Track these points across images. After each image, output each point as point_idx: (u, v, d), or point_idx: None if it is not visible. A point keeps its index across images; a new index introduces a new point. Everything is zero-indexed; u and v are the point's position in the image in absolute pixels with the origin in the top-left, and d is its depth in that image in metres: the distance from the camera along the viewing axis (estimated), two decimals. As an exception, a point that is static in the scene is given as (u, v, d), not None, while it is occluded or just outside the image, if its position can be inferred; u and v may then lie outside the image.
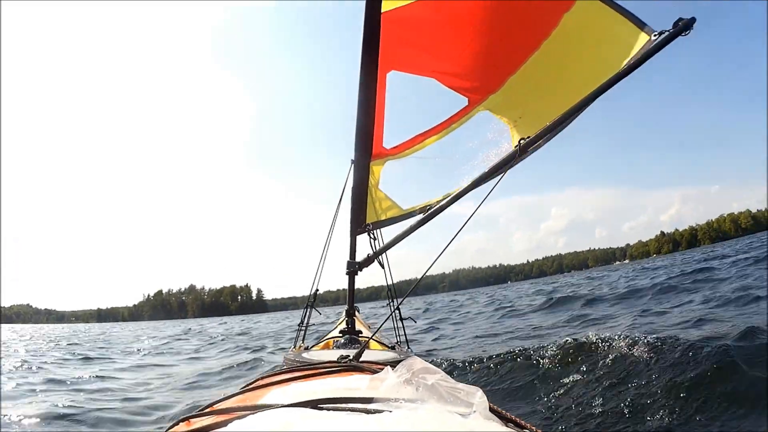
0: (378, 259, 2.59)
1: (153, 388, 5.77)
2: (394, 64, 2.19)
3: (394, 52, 2.13)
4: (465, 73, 2.27)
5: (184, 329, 26.79)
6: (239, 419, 0.83)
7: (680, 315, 6.18)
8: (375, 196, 2.68)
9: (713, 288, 8.54)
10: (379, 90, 2.21)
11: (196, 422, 0.96)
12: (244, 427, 0.79)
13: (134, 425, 3.86)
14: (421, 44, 2.16)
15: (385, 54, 2.09)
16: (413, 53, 2.20)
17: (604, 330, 5.19)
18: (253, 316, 73.95)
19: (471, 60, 2.21)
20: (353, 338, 2.51)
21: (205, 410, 1.03)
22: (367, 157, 2.49)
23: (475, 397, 0.86)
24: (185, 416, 1.02)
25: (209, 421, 0.90)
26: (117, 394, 5.21)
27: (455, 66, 2.24)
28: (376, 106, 2.24)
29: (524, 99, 2.24)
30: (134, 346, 14.02)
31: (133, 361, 9.48)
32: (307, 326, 3.26)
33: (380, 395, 0.90)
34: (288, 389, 1.13)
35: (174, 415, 4.05)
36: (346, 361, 1.45)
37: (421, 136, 2.49)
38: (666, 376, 3.24)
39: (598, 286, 15.49)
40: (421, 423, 0.74)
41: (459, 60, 2.23)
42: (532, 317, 9.78)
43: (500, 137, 2.28)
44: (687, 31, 1.62)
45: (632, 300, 9.44)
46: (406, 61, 2.22)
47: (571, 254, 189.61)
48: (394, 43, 2.09)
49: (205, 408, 1.06)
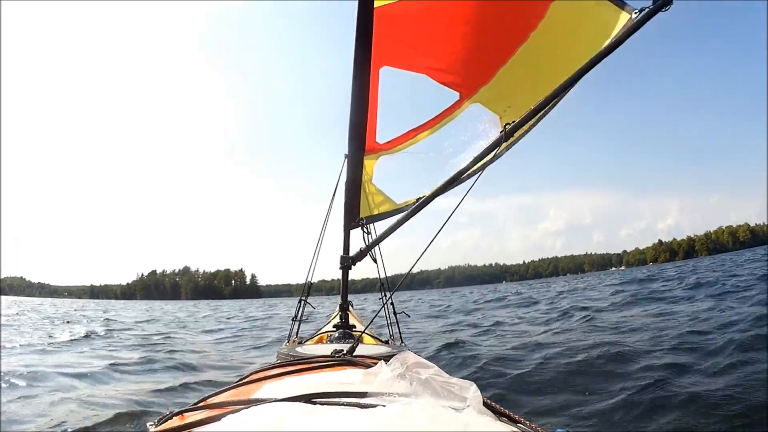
0: (370, 252, 2.59)
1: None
2: (386, 60, 2.19)
3: (387, 48, 2.13)
4: (456, 68, 2.27)
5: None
6: (233, 413, 0.83)
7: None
8: (368, 190, 2.68)
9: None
10: (372, 86, 2.20)
11: (189, 416, 0.96)
12: (238, 422, 0.79)
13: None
14: (413, 40, 2.15)
15: (378, 50, 2.08)
16: (405, 49, 2.19)
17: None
18: (245, 302, 73.58)
19: (462, 55, 2.21)
20: (347, 332, 2.52)
21: (199, 404, 1.02)
22: (361, 152, 2.49)
23: (469, 391, 0.86)
24: (178, 411, 1.02)
25: (203, 416, 0.90)
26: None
27: (446, 62, 2.24)
28: (369, 101, 2.24)
29: (513, 90, 2.24)
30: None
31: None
32: (300, 320, 3.25)
33: (374, 389, 0.91)
34: (281, 383, 1.13)
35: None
36: (340, 355, 1.46)
37: (414, 131, 2.49)
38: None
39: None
40: (415, 417, 0.74)
41: (450, 55, 2.23)
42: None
43: (490, 128, 2.28)
44: (667, 6, 1.60)
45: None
46: (398, 57, 2.21)
47: (567, 257, 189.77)
48: (387, 39, 2.08)
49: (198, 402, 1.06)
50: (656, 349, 4.87)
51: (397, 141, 2.52)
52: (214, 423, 0.84)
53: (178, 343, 9.34)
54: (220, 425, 0.82)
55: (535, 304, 14.43)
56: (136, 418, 3.59)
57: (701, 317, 6.68)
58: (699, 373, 3.86)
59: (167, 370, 6.00)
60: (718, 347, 4.53)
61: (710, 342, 4.86)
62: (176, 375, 5.66)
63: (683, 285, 13.22)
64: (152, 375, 5.67)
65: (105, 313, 23.95)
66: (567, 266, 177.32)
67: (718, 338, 4.96)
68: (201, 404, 1.02)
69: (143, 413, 3.68)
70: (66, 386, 4.79)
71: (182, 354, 7.40)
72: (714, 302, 8.27)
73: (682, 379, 3.69)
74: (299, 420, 0.76)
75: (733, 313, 6.46)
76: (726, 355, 4.19)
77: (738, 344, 4.42)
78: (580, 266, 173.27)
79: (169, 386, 4.81)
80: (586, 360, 4.68)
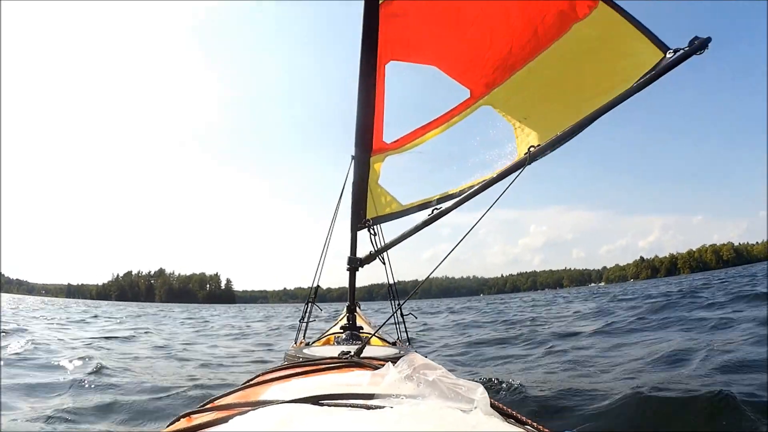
0: (380, 256, 2.59)
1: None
2: (393, 54, 2.16)
3: (394, 42, 2.11)
4: (467, 63, 2.24)
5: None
6: (240, 415, 0.83)
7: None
8: (375, 191, 2.67)
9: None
10: (378, 82, 2.19)
11: (196, 418, 0.96)
12: (245, 423, 0.79)
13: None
14: (422, 32, 2.13)
15: (384, 44, 2.07)
16: (414, 40, 2.17)
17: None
18: (218, 306, 71.20)
19: (473, 50, 2.18)
20: (354, 334, 2.51)
21: (206, 406, 1.02)
22: (368, 152, 2.49)
23: (476, 393, 0.85)
24: (186, 412, 1.02)
25: (210, 417, 0.90)
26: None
27: (457, 55, 2.21)
28: (375, 99, 2.23)
29: (530, 99, 2.21)
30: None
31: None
32: (308, 322, 3.25)
33: (381, 391, 0.90)
34: (289, 385, 1.13)
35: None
36: (348, 357, 1.45)
37: (422, 129, 2.47)
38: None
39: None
40: (422, 418, 0.74)
41: (461, 49, 2.19)
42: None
43: (504, 138, 2.26)
44: (702, 50, 1.62)
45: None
46: (406, 49, 2.19)
47: (546, 272, 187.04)
48: (394, 32, 2.07)
49: (206, 404, 1.06)
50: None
51: (405, 140, 2.50)
52: (222, 424, 0.84)
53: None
54: (227, 426, 0.81)
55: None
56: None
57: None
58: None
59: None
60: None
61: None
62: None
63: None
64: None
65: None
66: (546, 281, 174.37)
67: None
68: (209, 405, 1.02)
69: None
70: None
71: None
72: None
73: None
74: (306, 421, 0.76)
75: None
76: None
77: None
78: (558, 281, 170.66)
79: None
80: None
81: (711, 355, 4.11)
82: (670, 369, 3.98)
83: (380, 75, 2.18)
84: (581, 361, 4.80)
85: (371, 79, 2.15)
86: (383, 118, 2.37)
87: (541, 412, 2.98)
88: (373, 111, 2.28)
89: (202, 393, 3.78)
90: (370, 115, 2.30)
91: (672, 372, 3.86)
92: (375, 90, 2.19)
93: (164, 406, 3.50)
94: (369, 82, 2.15)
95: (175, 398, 3.72)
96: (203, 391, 3.92)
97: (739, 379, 3.30)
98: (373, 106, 2.26)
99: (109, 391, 4.03)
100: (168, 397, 3.76)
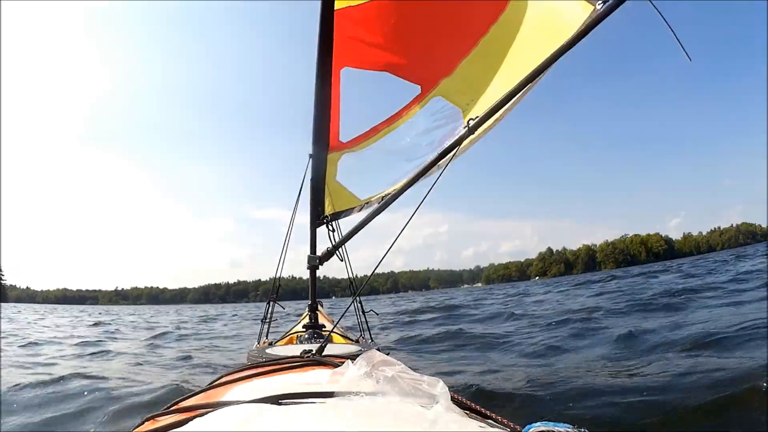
0: (337, 252, 2.59)
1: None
2: (347, 61, 2.19)
3: (347, 50, 2.13)
4: (416, 62, 2.28)
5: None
6: (200, 417, 0.83)
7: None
8: (332, 188, 2.68)
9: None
10: (334, 87, 2.21)
11: (160, 420, 0.96)
12: (205, 425, 0.79)
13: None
14: (372, 40, 2.16)
15: (339, 51, 2.09)
16: (365, 49, 2.20)
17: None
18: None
19: (422, 48, 2.23)
20: (317, 333, 2.51)
21: (170, 408, 1.02)
22: (324, 150, 2.49)
23: (437, 387, 0.86)
24: (151, 415, 1.02)
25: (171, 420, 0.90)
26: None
27: (406, 57, 2.25)
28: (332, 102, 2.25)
29: (476, 83, 2.25)
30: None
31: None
32: (270, 321, 3.21)
33: (341, 389, 0.91)
34: (250, 386, 1.13)
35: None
36: (309, 355, 1.46)
37: (377, 127, 2.51)
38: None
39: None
40: (380, 414, 0.76)
41: (410, 50, 2.24)
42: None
43: (452, 120, 2.30)
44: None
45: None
46: (358, 57, 2.22)
47: (408, 272, 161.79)
48: (346, 41, 2.09)
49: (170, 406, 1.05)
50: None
51: (361, 138, 2.53)
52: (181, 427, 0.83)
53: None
54: (188, 428, 0.82)
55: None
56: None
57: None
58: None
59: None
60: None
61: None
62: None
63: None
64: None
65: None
66: (408, 282, 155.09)
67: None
68: (172, 408, 1.02)
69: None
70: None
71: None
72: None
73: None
74: (266, 421, 0.76)
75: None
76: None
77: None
78: (424, 282, 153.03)
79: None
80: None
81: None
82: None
83: (335, 79, 2.20)
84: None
85: (327, 81, 2.16)
86: (339, 119, 2.39)
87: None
88: (330, 111, 2.30)
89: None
90: (327, 115, 2.31)
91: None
92: (331, 92, 2.21)
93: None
94: (325, 83, 2.17)
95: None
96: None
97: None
98: (329, 106, 2.27)
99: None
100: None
